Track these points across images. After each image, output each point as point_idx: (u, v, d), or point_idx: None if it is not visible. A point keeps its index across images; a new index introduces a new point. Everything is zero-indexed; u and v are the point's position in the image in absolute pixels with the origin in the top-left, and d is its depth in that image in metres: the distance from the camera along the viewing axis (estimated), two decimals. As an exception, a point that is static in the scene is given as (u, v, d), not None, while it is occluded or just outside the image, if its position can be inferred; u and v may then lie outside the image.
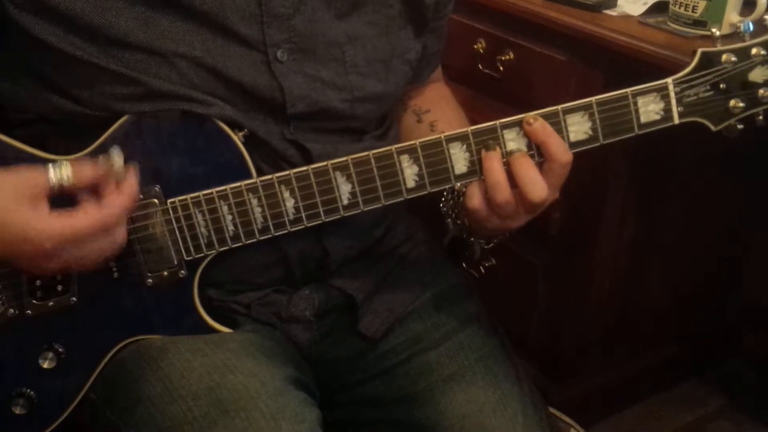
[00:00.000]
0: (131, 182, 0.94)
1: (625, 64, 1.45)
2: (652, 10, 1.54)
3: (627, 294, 1.92)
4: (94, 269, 0.96)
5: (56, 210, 0.89)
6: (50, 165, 0.89)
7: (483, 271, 1.91)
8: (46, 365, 1.02)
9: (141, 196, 0.98)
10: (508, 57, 1.70)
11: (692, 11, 1.41)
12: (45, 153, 0.99)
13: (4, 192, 0.88)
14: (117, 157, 0.94)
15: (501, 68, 1.71)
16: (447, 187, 1.04)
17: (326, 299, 1.14)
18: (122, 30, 0.97)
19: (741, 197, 1.98)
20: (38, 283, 0.99)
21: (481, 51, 1.75)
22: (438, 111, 1.26)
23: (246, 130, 1.02)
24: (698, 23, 1.41)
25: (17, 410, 1.03)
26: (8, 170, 0.90)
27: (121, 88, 0.99)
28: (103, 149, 0.98)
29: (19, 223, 0.87)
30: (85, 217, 0.89)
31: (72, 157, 0.99)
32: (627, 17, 1.54)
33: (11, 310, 1.00)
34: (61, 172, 0.89)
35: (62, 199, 0.90)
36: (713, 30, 1.03)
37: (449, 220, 1.15)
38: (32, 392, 1.03)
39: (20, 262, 0.93)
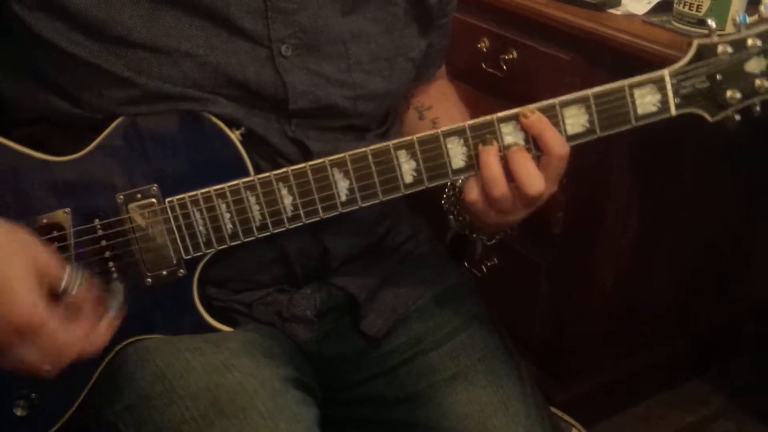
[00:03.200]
0: (115, 323, 0.95)
1: (629, 63, 1.44)
2: (656, 9, 1.53)
3: (629, 293, 1.92)
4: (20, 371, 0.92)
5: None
6: (68, 267, 0.90)
7: (485, 270, 1.91)
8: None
9: (139, 195, 0.99)
10: (511, 56, 1.70)
11: (696, 10, 1.41)
12: (43, 154, 0.99)
13: (22, 259, 0.87)
14: (119, 293, 0.97)
15: (504, 67, 1.71)
16: (446, 182, 1.04)
17: (328, 298, 1.14)
18: (126, 27, 0.97)
19: (744, 196, 1.98)
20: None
21: (485, 50, 1.75)
22: (440, 108, 1.26)
23: (243, 128, 1.02)
24: (703, 22, 1.40)
25: (18, 412, 1.02)
26: (32, 241, 0.90)
27: (119, 91, 0.99)
28: (100, 150, 0.98)
29: (21, 291, 0.85)
30: (72, 336, 0.89)
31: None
32: (631, 16, 1.54)
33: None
34: (75, 283, 0.89)
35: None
36: (709, 21, 1.03)
37: (451, 216, 1.15)
38: (33, 394, 1.03)
39: None
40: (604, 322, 1.92)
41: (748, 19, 1.03)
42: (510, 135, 1.01)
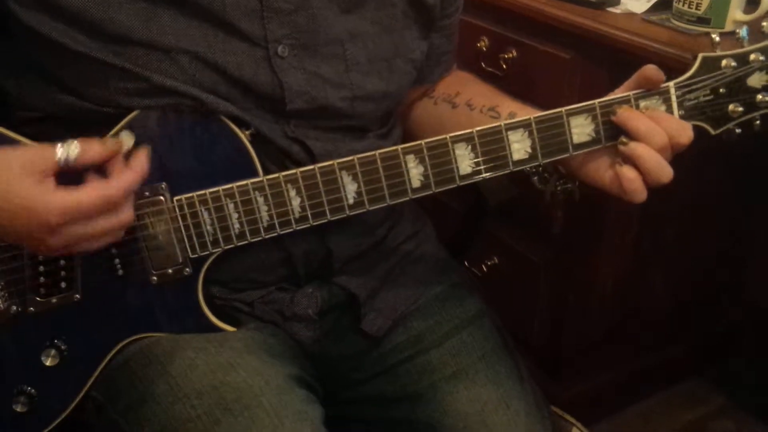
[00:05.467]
0: (141, 160, 0.93)
1: (629, 61, 1.44)
2: (656, 7, 1.53)
3: (629, 293, 1.92)
4: (99, 250, 0.95)
5: (62, 186, 0.88)
6: (58, 143, 0.89)
7: (485, 269, 1.91)
8: (48, 363, 1.02)
9: (147, 193, 0.99)
10: (511, 55, 1.70)
11: (696, 8, 1.41)
12: None
13: (10, 165, 0.87)
14: (127, 138, 0.94)
15: (504, 66, 1.71)
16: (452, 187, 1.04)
17: (329, 297, 1.14)
18: (124, 25, 0.97)
19: (743, 198, 1.98)
20: (42, 279, 0.99)
21: (484, 49, 1.75)
22: (468, 90, 1.25)
23: (252, 128, 1.02)
24: (702, 20, 1.40)
25: (18, 408, 1.02)
26: (16, 147, 0.91)
27: (125, 83, 0.99)
28: None
29: (24, 195, 0.86)
30: (90, 191, 0.88)
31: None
32: (630, 14, 1.54)
33: (14, 307, 1.00)
34: (69, 148, 0.89)
35: (69, 179, 0.89)
36: (713, 36, 1.04)
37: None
38: (34, 390, 1.03)
39: (23, 238, 0.91)
40: (603, 321, 1.92)
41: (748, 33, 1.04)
42: (518, 143, 1.02)
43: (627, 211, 1.77)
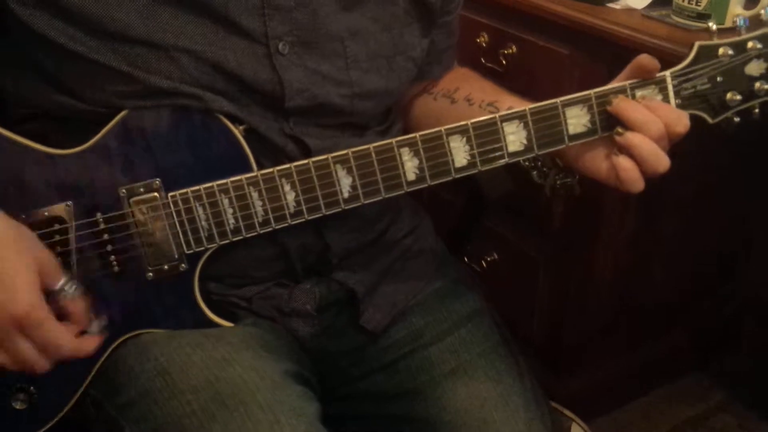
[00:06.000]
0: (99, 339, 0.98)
1: (629, 57, 1.43)
2: (656, 3, 1.53)
3: (628, 288, 1.92)
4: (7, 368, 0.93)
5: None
6: (66, 273, 0.93)
7: (485, 265, 1.91)
8: (46, 360, 1.02)
9: (142, 189, 0.99)
10: (510, 50, 1.70)
11: (696, 4, 1.41)
12: (46, 147, 0.99)
13: (25, 256, 0.89)
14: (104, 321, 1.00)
15: (504, 62, 1.71)
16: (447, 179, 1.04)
17: (327, 293, 1.14)
18: (123, 23, 0.97)
19: (742, 191, 1.98)
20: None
21: (484, 45, 1.75)
22: (467, 85, 1.25)
23: (246, 124, 1.02)
24: (702, 16, 1.40)
25: (17, 405, 1.02)
26: (37, 243, 0.93)
27: (121, 85, 0.98)
28: (103, 144, 0.98)
29: (12, 274, 0.88)
30: (62, 333, 0.91)
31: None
32: (630, 10, 1.54)
33: (11, 306, 1.00)
34: (72, 289, 0.93)
35: None
36: (710, 24, 1.03)
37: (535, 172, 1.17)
38: (32, 387, 1.02)
39: None
40: (603, 316, 1.92)
41: (747, 22, 1.04)
42: (513, 134, 1.02)
43: (626, 206, 1.77)
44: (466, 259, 1.89)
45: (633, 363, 2.05)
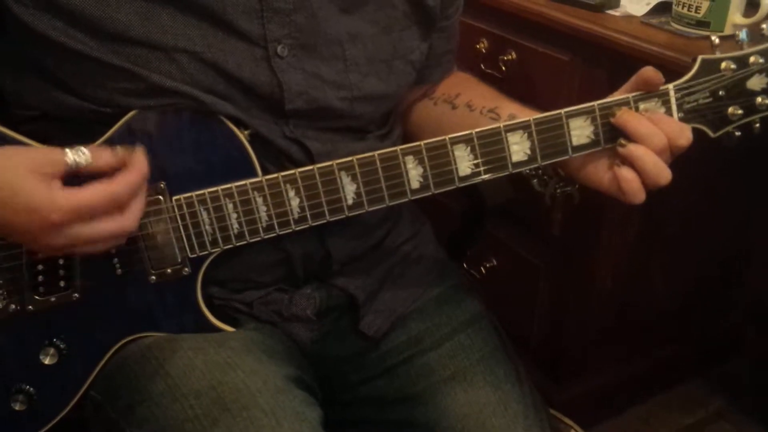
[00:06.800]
0: (141, 159, 0.92)
1: (628, 64, 1.45)
2: (655, 10, 1.54)
3: (628, 295, 1.92)
4: (100, 253, 0.94)
5: (68, 186, 0.88)
6: (66, 149, 0.88)
7: (484, 271, 1.91)
8: (47, 361, 1.02)
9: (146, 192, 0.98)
10: (510, 57, 1.70)
11: (695, 11, 1.41)
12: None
13: (17, 165, 0.86)
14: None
15: (503, 68, 1.71)
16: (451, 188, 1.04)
17: (328, 298, 1.14)
18: (122, 24, 0.97)
19: (744, 197, 1.98)
20: (40, 278, 0.99)
21: (484, 51, 1.75)
22: (468, 91, 1.25)
23: (251, 128, 1.02)
24: (701, 24, 1.41)
25: (17, 406, 1.02)
26: (25, 148, 0.91)
27: (124, 83, 0.99)
28: (109, 145, 0.97)
29: (28, 192, 0.85)
30: (96, 189, 0.88)
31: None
32: (630, 17, 1.54)
33: (13, 306, 0.99)
34: (79, 154, 0.88)
35: (72, 183, 0.88)
36: (713, 38, 1.04)
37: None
38: (32, 388, 1.02)
39: (25, 236, 0.90)
40: (602, 323, 1.92)
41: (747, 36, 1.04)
42: (517, 144, 1.02)
43: (627, 212, 1.77)
44: (465, 265, 1.89)
45: (632, 370, 2.05)
